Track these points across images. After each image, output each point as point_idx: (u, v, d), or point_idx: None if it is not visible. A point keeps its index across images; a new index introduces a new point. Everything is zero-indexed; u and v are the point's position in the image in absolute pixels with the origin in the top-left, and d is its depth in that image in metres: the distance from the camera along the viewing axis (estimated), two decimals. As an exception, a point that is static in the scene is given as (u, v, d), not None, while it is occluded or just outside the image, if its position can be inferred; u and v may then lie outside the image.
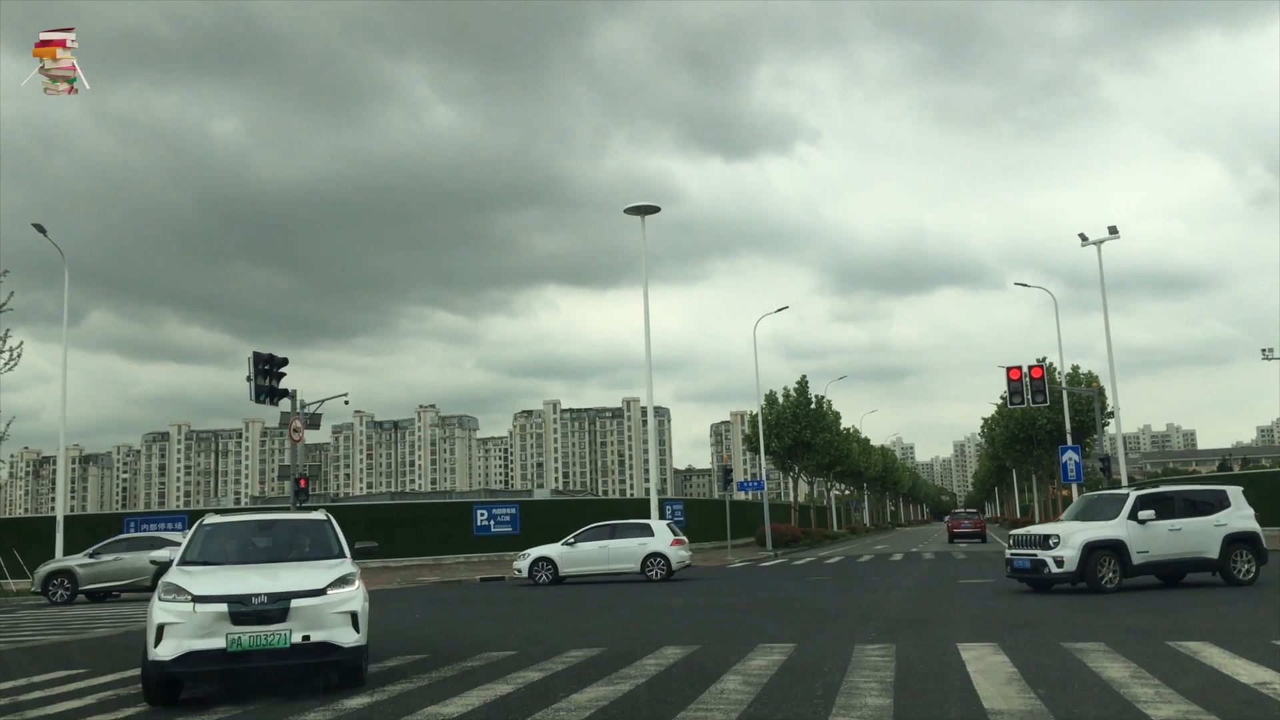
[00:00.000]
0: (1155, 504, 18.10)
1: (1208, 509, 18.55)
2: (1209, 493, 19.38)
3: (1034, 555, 17.81)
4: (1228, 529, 18.20)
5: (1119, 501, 18.44)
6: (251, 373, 29.57)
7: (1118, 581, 17.38)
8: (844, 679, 9.23)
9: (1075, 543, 17.37)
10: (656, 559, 26.75)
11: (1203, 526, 18.08)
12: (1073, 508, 19.80)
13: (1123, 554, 17.45)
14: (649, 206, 36.78)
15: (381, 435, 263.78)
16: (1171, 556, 17.92)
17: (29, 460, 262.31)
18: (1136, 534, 17.55)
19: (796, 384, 60.87)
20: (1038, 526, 18.98)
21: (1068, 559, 17.29)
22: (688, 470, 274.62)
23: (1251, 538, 18.38)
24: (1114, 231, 40.13)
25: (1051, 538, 17.72)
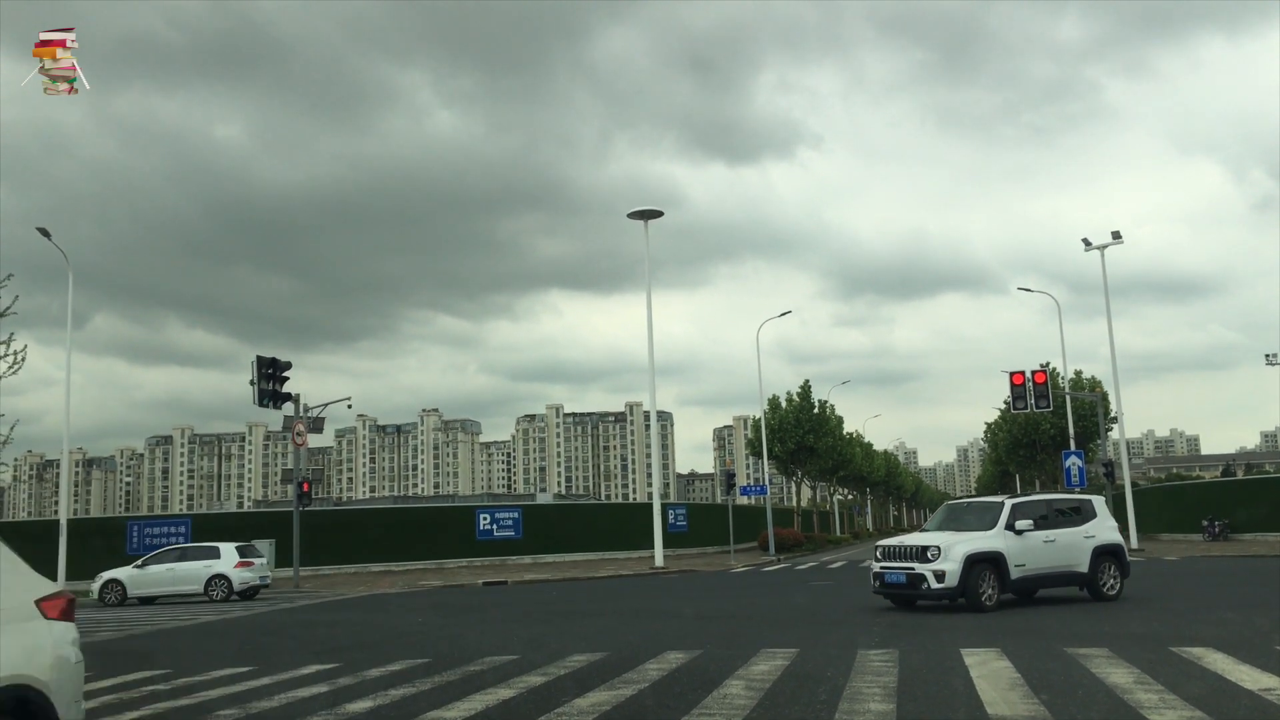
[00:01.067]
0: (1030, 514, 16.91)
1: (1077, 520, 17.48)
2: (1077, 503, 18.35)
3: (910, 569, 16.10)
4: (1096, 541, 17.20)
5: (992, 511, 17.00)
6: (255, 376, 29.64)
7: (996, 598, 16.02)
8: (847, 684, 9.22)
9: (957, 555, 15.76)
10: (219, 580, 27.57)
11: (1074, 538, 17.02)
12: (936, 517, 18.30)
13: (1001, 567, 16.07)
14: (652, 211, 36.81)
15: (384, 439, 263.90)
16: (1046, 570, 16.73)
17: (32, 464, 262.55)
18: (1014, 546, 16.22)
19: (800, 388, 60.83)
20: (910, 537, 17.38)
21: (949, 573, 15.67)
22: (690, 474, 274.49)
23: (1117, 550, 17.51)
24: (1117, 236, 40.13)
25: (931, 549, 16.00)
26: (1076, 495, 19.03)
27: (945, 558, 15.77)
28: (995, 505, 17.06)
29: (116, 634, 17.80)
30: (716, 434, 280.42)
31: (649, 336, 37.49)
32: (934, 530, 17.43)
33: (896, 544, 16.96)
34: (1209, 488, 54.79)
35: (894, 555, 16.67)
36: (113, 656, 14.16)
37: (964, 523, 17.14)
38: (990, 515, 16.79)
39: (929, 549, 16.05)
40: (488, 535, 42.70)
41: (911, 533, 17.67)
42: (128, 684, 10.96)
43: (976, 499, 18.64)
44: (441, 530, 43.14)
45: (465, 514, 45.08)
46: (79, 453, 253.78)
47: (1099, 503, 18.20)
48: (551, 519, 47.62)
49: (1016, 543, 16.25)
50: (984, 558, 15.93)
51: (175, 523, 39.48)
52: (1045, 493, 19.22)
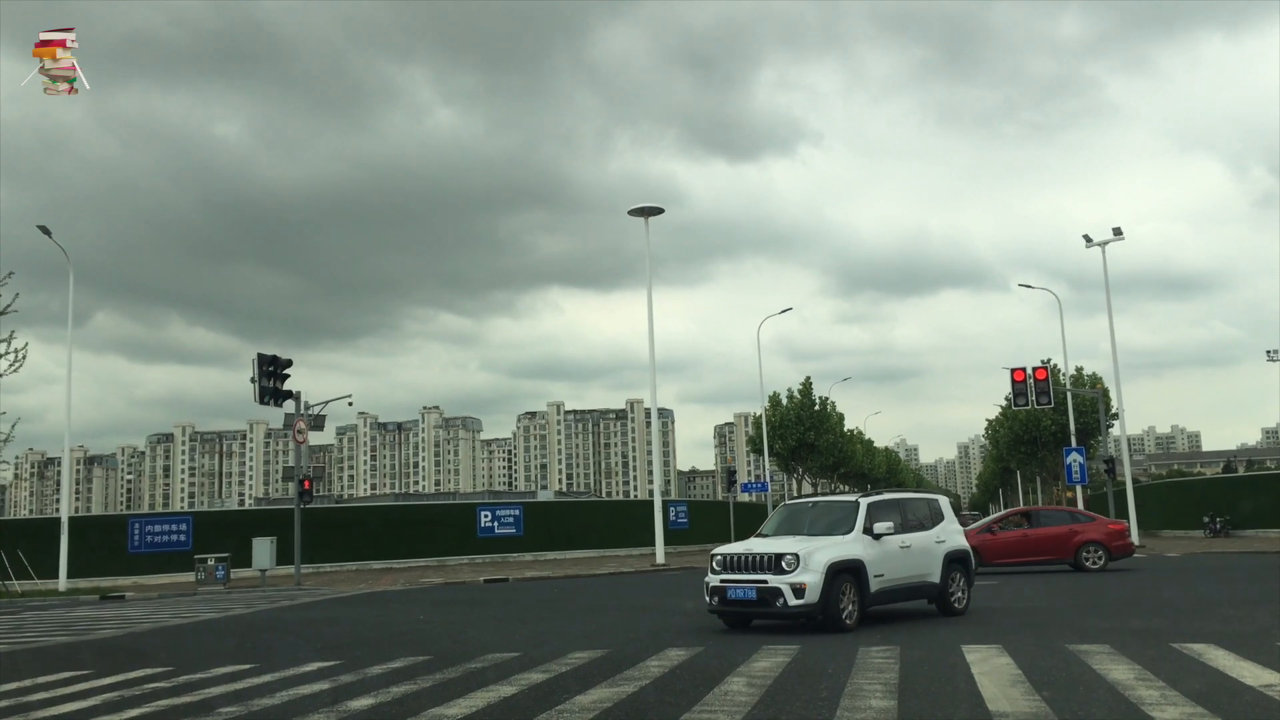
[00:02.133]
0: (887, 515, 14.55)
1: (928, 522, 15.37)
2: (925, 503, 16.01)
3: (761, 582, 13.29)
4: (947, 546, 15.27)
5: (846, 512, 14.52)
6: (256, 374, 29.64)
7: (856, 616, 13.48)
8: (848, 681, 9.22)
9: (818, 564, 13.11)
10: None
11: (927, 544, 14.93)
12: (774, 519, 15.48)
13: (861, 579, 13.61)
14: (653, 208, 36.78)
15: (385, 436, 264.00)
16: (903, 581, 14.47)
17: (34, 461, 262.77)
18: (874, 553, 13.88)
19: (801, 385, 60.94)
20: (756, 543, 14.29)
21: (810, 586, 12.96)
22: (691, 472, 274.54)
23: (966, 558, 15.66)
24: (1118, 233, 40.11)
25: (787, 558, 13.17)
26: (924, 494, 16.74)
27: (805, 567, 13.07)
28: (849, 505, 14.62)
29: (118, 631, 17.81)
30: (717, 431, 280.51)
31: (650, 333, 37.49)
32: (777, 535, 14.70)
33: (742, 552, 13.85)
34: (1210, 484, 54.77)
35: (739, 565, 13.69)
36: (114, 654, 14.17)
37: (811, 526, 14.57)
38: (844, 517, 14.37)
39: (785, 557, 13.19)
40: (489, 532, 42.70)
41: (749, 538, 14.95)
42: (129, 681, 10.96)
43: (823, 497, 16.17)
44: (442, 527, 43.15)
45: (466, 511, 45.08)
46: (80, 450, 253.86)
47: (945, 503, 16.25)
48: (553, 516, 47.63)
49: (876, 549, 13.95)
50: (846, 567, 13.43)
51: (177, 520, 39.49)
52: (894, 490, 17.09)
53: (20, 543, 33.81)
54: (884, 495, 15.25)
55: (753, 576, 13.45)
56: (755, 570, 13.48)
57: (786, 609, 13.10)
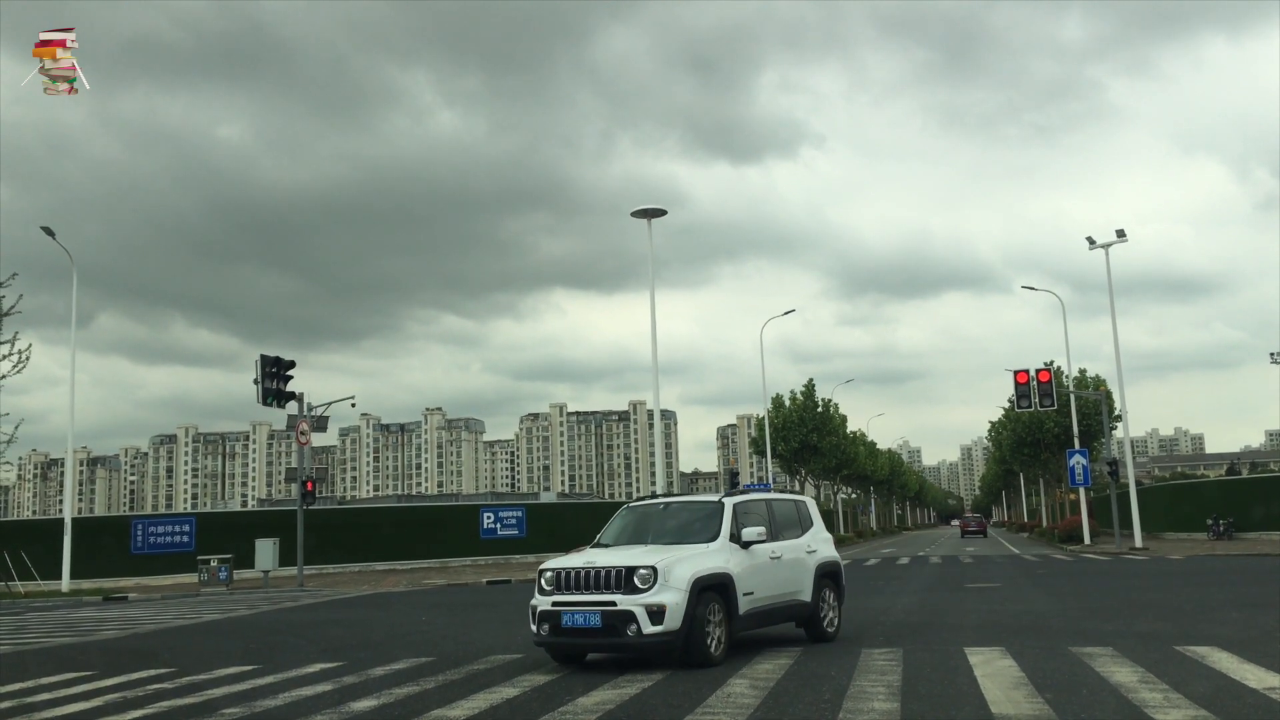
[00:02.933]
0: (756, 518, 12.03)
1: (797, 528, 12.90)
2: (793, 505, 13.50)
3: (608, 605, 10.40)
4: (819, 558, 12.85)
5: (707, 514, 11.85)
6: (259, 375, 29.66)
7: (724, 646, 10.82)
8: (851, 683, 9.22)
9: (680, 580, 10.41)
10: None
11: (798, 555, 12.49)
12: (616, 524, 12.44)
13: (730, 598, 10.97)
14: (655, 210, 36.76)
15: (388, 438, 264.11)
16: (773, 600, 11.86)
17: (37, 463, 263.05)
18: (744, 566, 11.30)
19: (803, 387, 60.88)
20: (598, 554, 11.33)
21: (670, 608, 10.21)
22: (694, 473, 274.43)
23: (837, 571, 13.24)
24: (1122, 235, 40.06)
25: (641, 571, 10.39)
26: (791, 495, 14.13)
27: (664, 584, 10.32)
28: (711, 507, 11.99)
29: (121, 632, 17.83)
30: (720, 433, 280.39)
31: (652, 335, 37.47)
32: (622, 545, 11.80)
33: (582, 566, 10.84)
34: (1213, 486, 54.71)
35: (578, 583, 10.71)
36: (118, 655, 14.19)
37: (664, 532, 11.84)
38: (705, 521, 11.74)
39: (639, 571, 10.41)
40: (492, 534, 42.72)
41: (586, 549, 12.17)
42: (132, 682, 10.98)
43: (678, 497, 13.40)
44: (445, 529, 43.18)
45: (469, 513, 45.11)
46: (83, 452, 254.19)
47: (813, 506, 13.92)
48: (555, 518, 47.63)
49: (745, 561, 11.40)
50: (712, 583, 10.78)
51: (180, 521, 39.53)
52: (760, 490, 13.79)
53: (23, 544, 33.86)
54: (750, 495, 12.81)
55: (596, 597, 10.51)
56: (599, 589, 10.53)
57: (640, 638, 10.25)
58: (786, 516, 12.90)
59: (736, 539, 11.47)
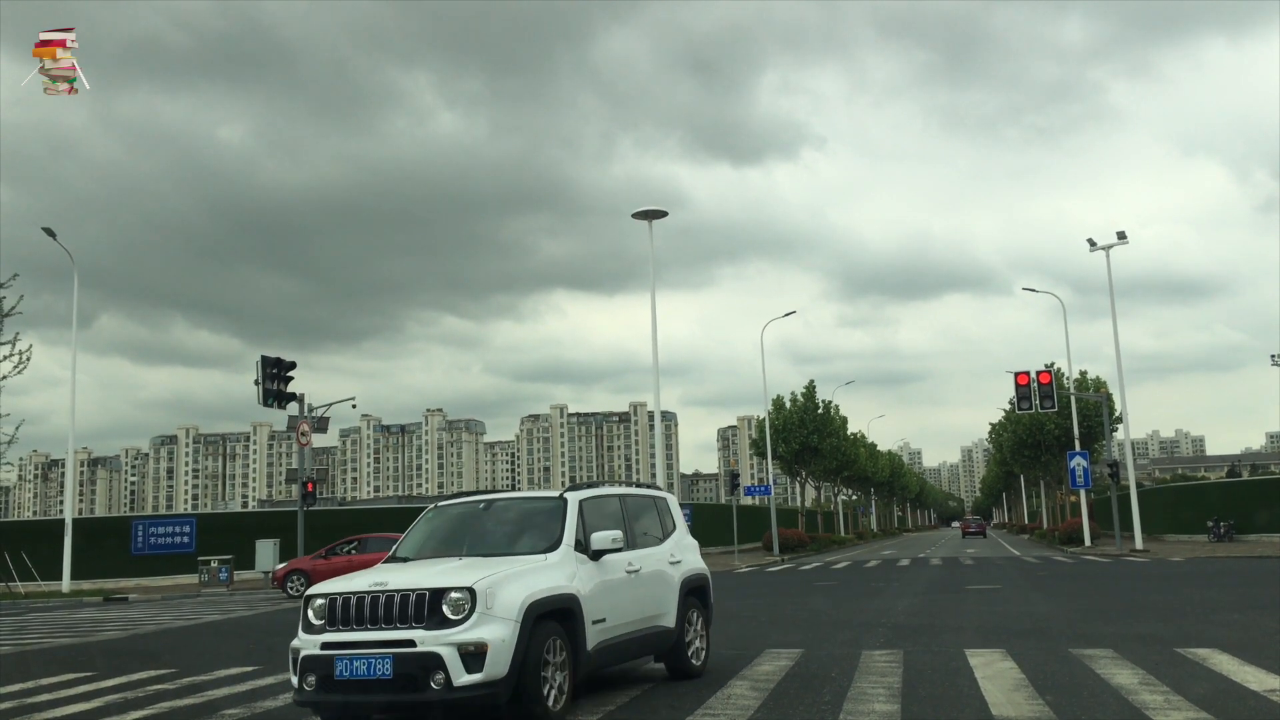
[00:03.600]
0: (608, 519, 9.28)
1: (656, 533, 10.11)
2: (652, 503, 10.44)
3: (402, 645, 7.35)
4: (684, 570, 10.05)
5: (545, 515, 9.01)
6: (260, 376, 29.67)
7: (567, 694, 8.05)
8: (851, 685, 9.22)
9: (509, 606, 7.56)
10: None
11: (660, 567, 9.70)
12: (420, 529, 9.36)
13: (576, 629, 8.17)
14: (656, 211, 36.76)
15: (389, 439, 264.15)
16: (630, 629, 9.02)
17: (37, 463, 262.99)
18: (594, 584, 8.54)
19: (804, 389, 60.84)
20: (392, 571, 8.14)
21: (494, 647, 7.35)
22: (694, 475, 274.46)
23: (705, 587, 10.47)
24: (1123, 237, 40.05)
25: (452, 596, 7.47)
26: (649, 490, 10.77)
27: (484, 613, 7.39)
28: (550, 506, 9.10)
29: (121, 633, 17.83)
30: (720, 434, 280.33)
31: (653, 337, 37.47)
32: (427, 558, 8.73)
33: (367, 590, 7.67)
34: (1214, 489, 54.67)
35: (359, 615, 7.60)
36: (118, 656, 14.19)
37: (486, 540, 8.88)
38: (543, 524, 8.89)
39: (448, 595, 7.45)
40: (492, 535, 42.68)
41: (381, 563, 8.86)
42: (133, 683, 10.98)
43: (505, 494, 10.04)
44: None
45: (469, 514, 45.03)
46: (84, 452, 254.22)
47: (674, 504, 10.97)
48: (556, 519, 47.52)
49: (595, 577, 8.59)
50: (553, 609, 7.90)
51: (180, 522, 39.53)
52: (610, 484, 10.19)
53: (24, 545, 33.89)
54: (600, 490, 9.68)
55: (386, 635, 7.39)
56: (391, 622, 7.44)
57: (450, 692, 7.20)
58: (645, 517, 10.07)
59: (584, 547, 8.62)
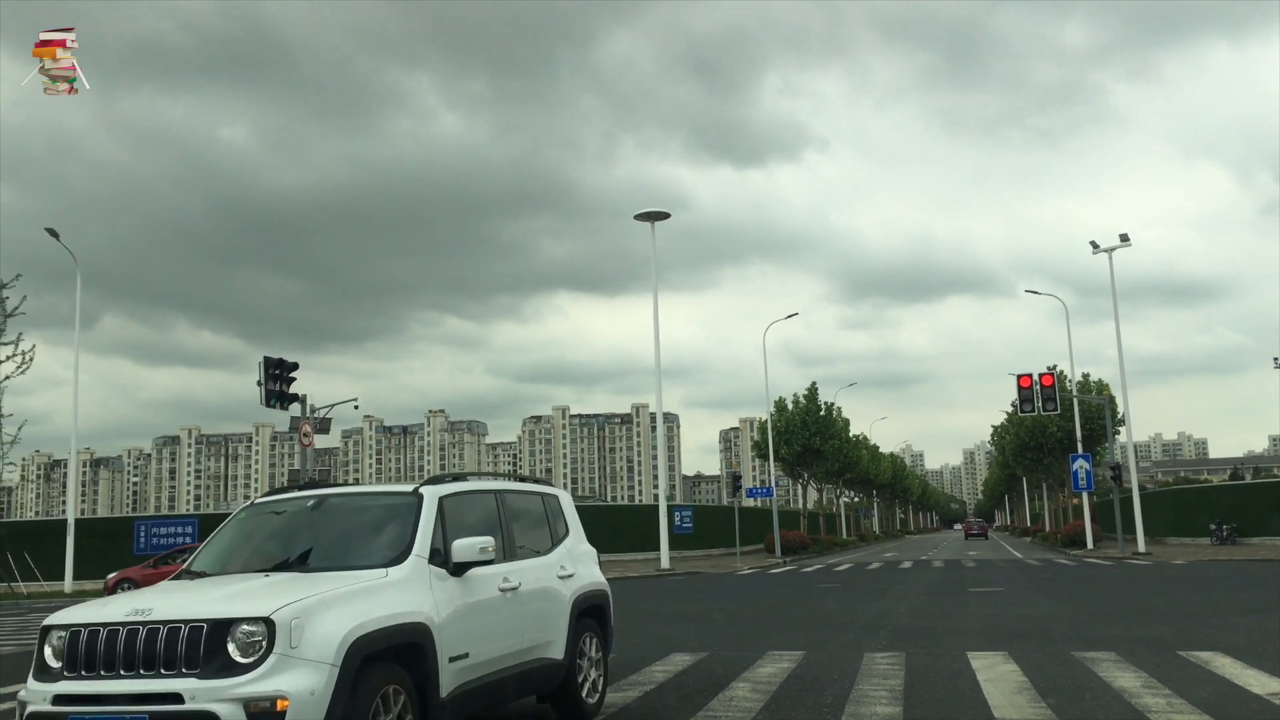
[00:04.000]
0: (478, 521, 7.28)
1: (541, 539, 8.18)
2: (539, 500, 8.50)
3: (165, 701, 5.21)
4: (577, 586, 8.19)
5: (389, 515, 6.93)
6: (262, 377, 29.63)
7: None
8: (853, 687, 9.21)
9: (322, 644, 5.42)
10: None
11: (546, 582, 7.78)
12: (225, 535, 7.36)
13: (425, 672, 6.15)
14: (659, 213, 36.79)
15: (391, 440, 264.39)
16: (504, 666, 7.10)
17: (40, 464, 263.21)
18: (454, 607, 6.57)
19: (806, 391, 60.81)
20: (174, 592, 6.19)
21: (297, 703, 5.20)
22: (696, 476, 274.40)
23: (603, 607, 8.71)
24: (1125, 239, 40.02)
25: (242, 629, 5.36)
26: (535, 486, 8.81)
27: (286, 654, 5.32)
28: (398, 503, 6.98)
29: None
30: (723, 436, 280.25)
31: (655, 338, 37.48)
32: (228, 574, 6.70)
33: (123, 620, 5.56)
34: (1217, 491, 54.60)
35: (110, 656, 5.50)
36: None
37: (313, 549, 6.85)
38: (387, 528, 6.82)
39: (235, 629, 5.39)
40: (494, 536, 42.65)
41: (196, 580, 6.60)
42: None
43: (340, 488, 7.76)
44: (448, 531, 43.10)
45: (471, 515, 45.01)
46: (86, 453, 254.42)
47: (567, 501, 8.99)
48: (557, 520, 47.49)
49: (457, 598, 6.62)
50: (390, 645, 5.90)
51: (182, 523, 39.56)
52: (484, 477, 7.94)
53: (26, 545, 33.92)
54: (468, 484, 7.55)
55: (141, 686, 5.37)
56: (150, 667, 5.41)
57: None
58: (528, 520, 8.04)
59: (443, 559, 6.52)
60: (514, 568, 7.36)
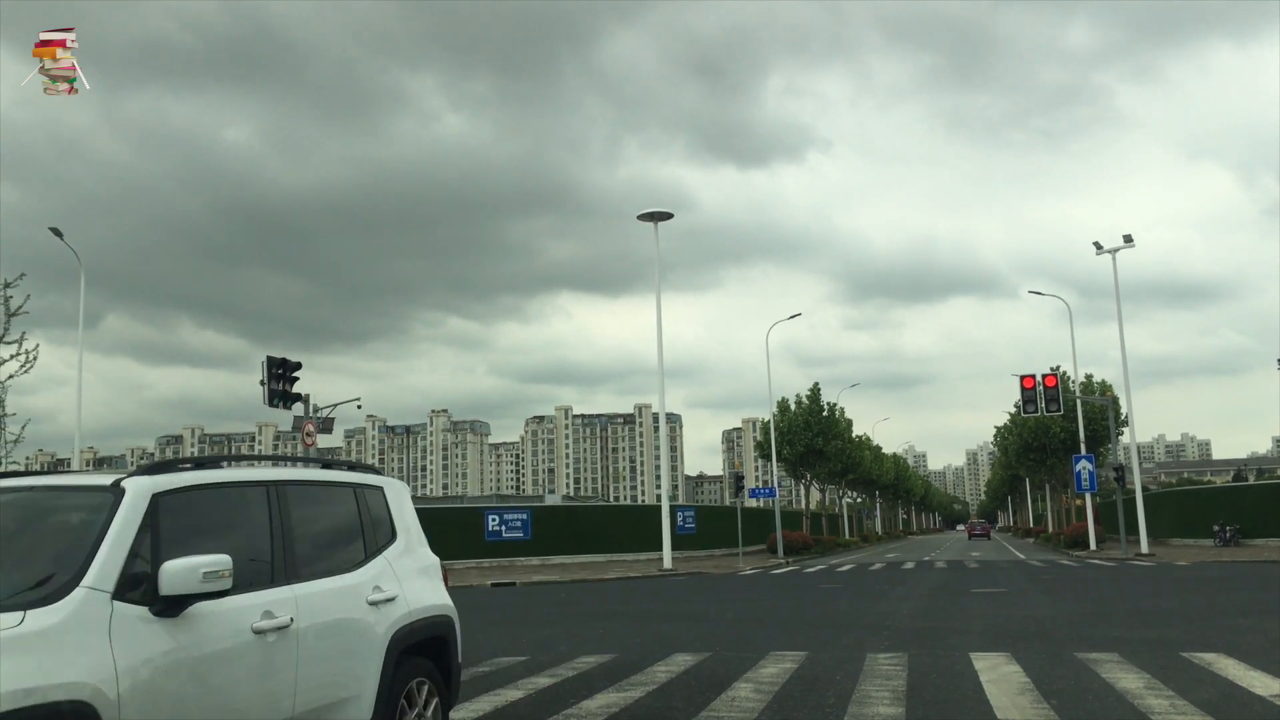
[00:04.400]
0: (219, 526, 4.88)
1: (349, 549, 5.78)
2: (350, 494, 5.98)
3: None
4: (399, 613, 5.84)
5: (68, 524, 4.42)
6: (265, 377, 29.68)
7: None
8: (856, 688, 9.20)
9: None
10: None
11: (345, 611, 5.39)
12: None
13: None
14: (662, 213, 36.78)
15: (393, 440, 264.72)
16: None
17: (44, 463, 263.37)
18: (155, 668, 4.02)
19: (809, 391, 60.77)
20: None
21: None
22: (699, 477, 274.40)
23: (445, 640, 6.77)
24: (1129, 240, 39.95)
25: None
26: (339, 474, 6.12)
27: None
28: (88, 505, 4.40)
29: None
30: (725, 436, 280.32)
31: (658, 339, 37.48)
32: None
33: None
34: (1220, 492, 54.52)
35: None
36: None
37: None
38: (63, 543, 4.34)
39: None
40: (496, 536, 42.70)
41: None
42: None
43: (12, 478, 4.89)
44: (450, 531, 43.01)
45: (474, 515, 45.08)
46: (90, 452, 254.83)
47: (398, 493, 6.58)
48: (560, 520, 47.61)
49: (165, 651, 4.14)
50: None
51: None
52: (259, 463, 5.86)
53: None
54: (211, 474, 5.11)
55: None
56: None
57: None
58: (327, 523, 5.83)
59: (146, 589, 4.22)
60: (286, 595, 4.96)
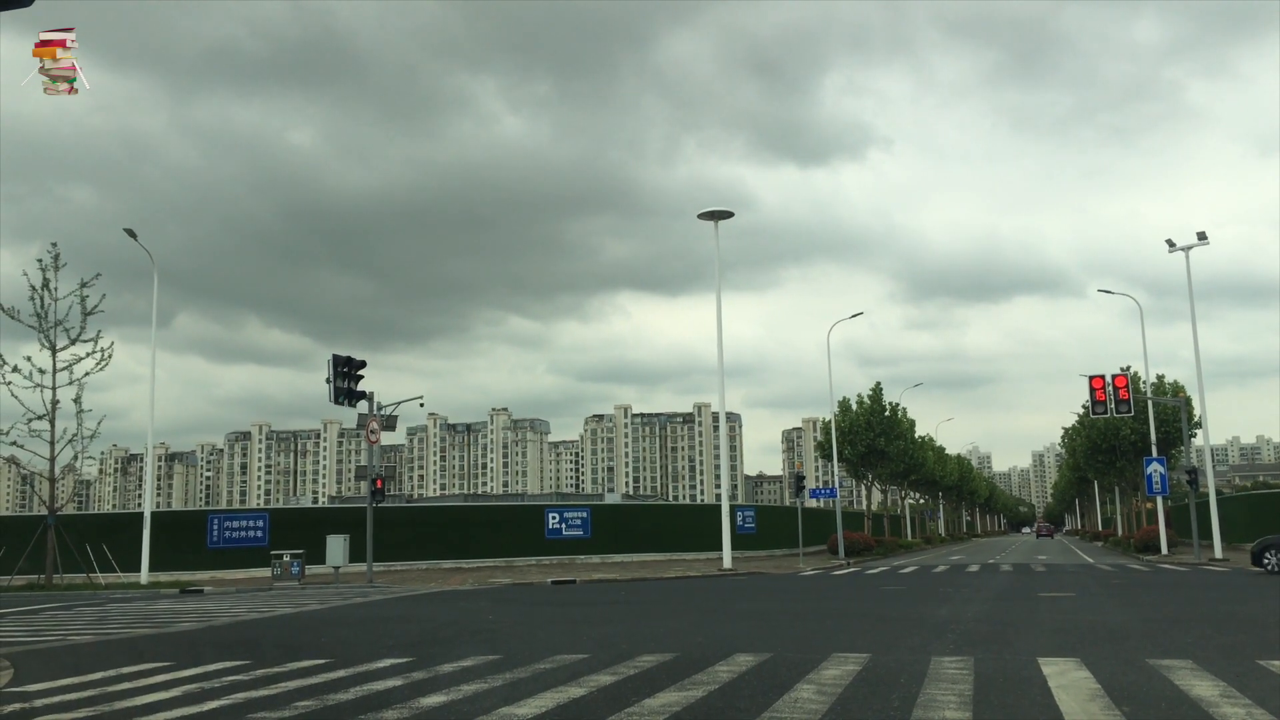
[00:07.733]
0: None
1: None
2: None
3: None
4: None
5: None
6: (331, 375, 30.17)
7: None
8: (921, 691, 9.09)
9: None
10: None
11: None
12: None
13: None
14: (722, 211, 36.67)
15: (455, 437, 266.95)
16: None
17: (117, 458, 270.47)
18: None
19: (870, 391, 60.24)
20: None
21: None
22: (759, 476, 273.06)
23: None
24: (1203, 237, 38.98)
25: None
26: None
27: None
28: None
29: (197, 624, 18.25)
30: (785, 436, 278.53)
31: (718, 338, 37.38)
32: None
33: None
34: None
35: None
36: (195, 647, 14.53)
37: None
38: None
39: None
40: (556, 534, 42.94)
41: None
42: (209, 674, 11.23)
43: None
44: (511, 528, 43.49)
45: (534, 513, 45.39)
46: (162, 448, 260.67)
47: None
48: (620, 519, 47.73)
49: None
50: None
51: (254, 517, 40.35)
52: None
53: (104, 537, 34.83)
54: None
55: None
56: None
57: None
58: None
59: None
60: None
